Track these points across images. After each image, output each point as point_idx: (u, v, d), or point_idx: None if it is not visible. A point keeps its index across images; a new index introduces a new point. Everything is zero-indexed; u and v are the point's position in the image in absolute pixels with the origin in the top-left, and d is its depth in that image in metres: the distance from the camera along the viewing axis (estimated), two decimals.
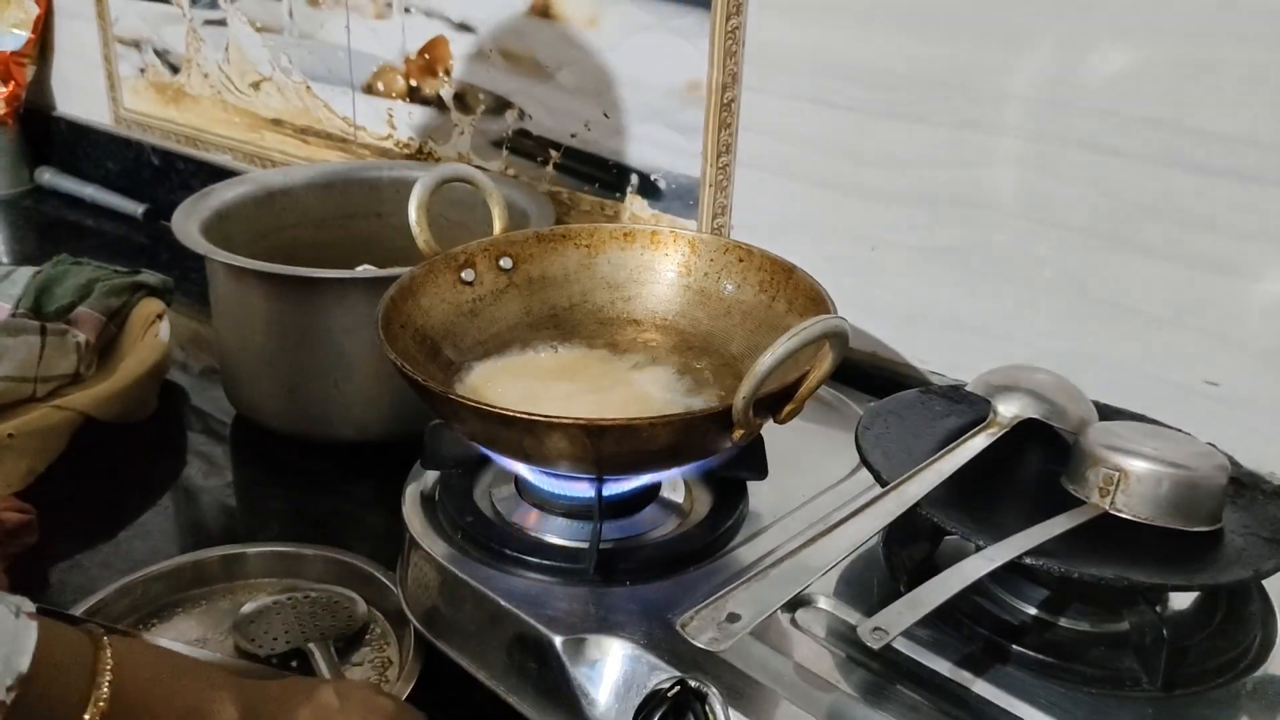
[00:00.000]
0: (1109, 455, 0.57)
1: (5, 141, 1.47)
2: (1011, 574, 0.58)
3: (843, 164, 0.83)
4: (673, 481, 0.69)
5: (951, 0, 0.75)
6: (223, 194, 0.96)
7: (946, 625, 0.57)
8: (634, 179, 0.96)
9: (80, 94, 1.48)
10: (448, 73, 1.06)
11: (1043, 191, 0.75)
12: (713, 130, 0.88)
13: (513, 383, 0.69)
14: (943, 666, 0.55)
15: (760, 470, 0.67)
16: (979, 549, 0.54)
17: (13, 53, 1.46)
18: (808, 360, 0.58)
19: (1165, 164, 0.69)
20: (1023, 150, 0.75)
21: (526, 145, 1.03)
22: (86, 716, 0.48)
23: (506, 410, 0.56)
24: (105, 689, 0.49)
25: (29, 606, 0.48)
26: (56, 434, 0.82)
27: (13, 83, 1.45)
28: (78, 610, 0.66)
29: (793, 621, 0.58)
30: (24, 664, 0.46)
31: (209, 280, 0.90)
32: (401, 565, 0.68)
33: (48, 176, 1.48)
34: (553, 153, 1.01)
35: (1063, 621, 0.58)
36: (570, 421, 0.56)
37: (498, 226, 0.76)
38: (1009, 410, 0.63)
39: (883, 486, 0.58)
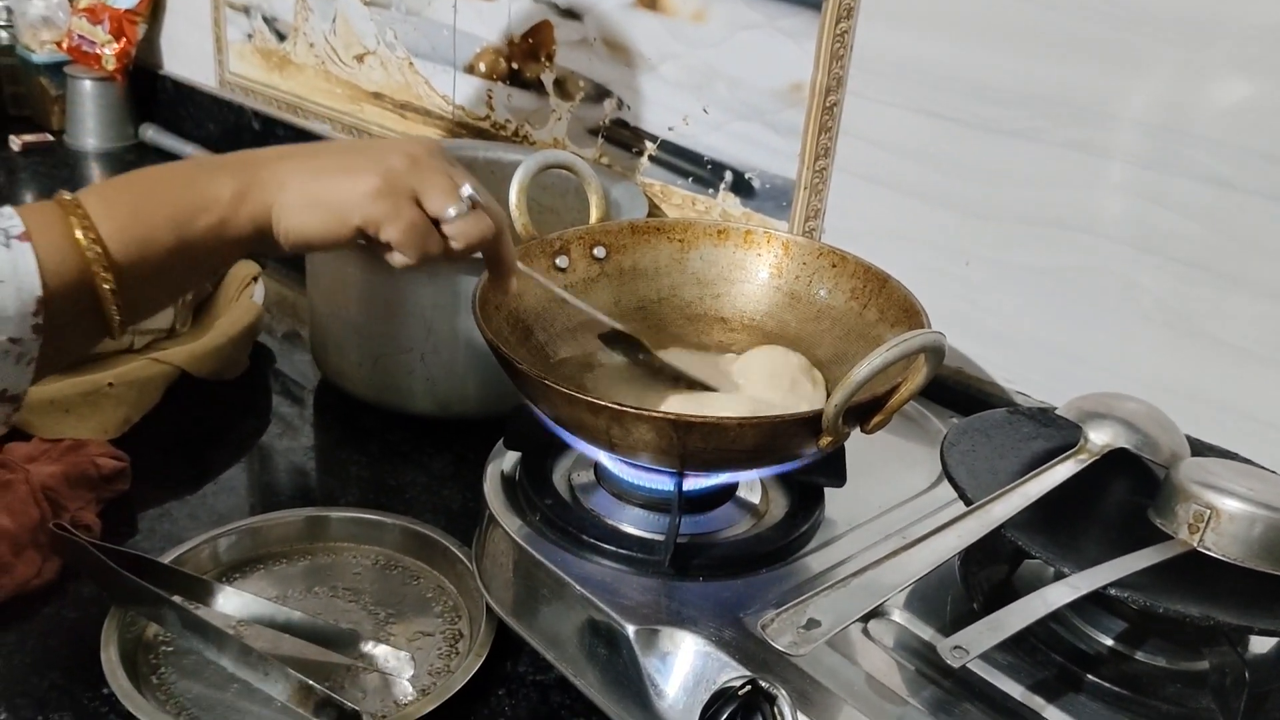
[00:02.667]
0: (1201, 492, 0.56)
1: (113, 96, 1.52)
2: (1090, 604, 0.57)
3: (942, 176, 0.82)
4: (750, 481, 0.69)
5: (1068, 19, 0.74)
6: None
7: (1021, 649, 0.56)
8: (728, 176, 0.96)
9: (187, 55, 1.51)
10: (550, 58, 1.07)
11: (1149, 219, 0.74)
12: (812, 133, 0.88)
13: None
14: (1015, 690, 0.54)
15: (839, 477, 0.67)
16: (1061, 576, 0.54)
17: (126, 10, 1.50)
18: (898, 372, 0.58)
19: (1277, 199, 0.68)
20: (1132, 176, 0.74)
21: (622, 135, 1.03)
22: (94, 273, 0.50)
23: (596, 399, 0.57)
24: (95, 248, 0.50)
25: (16, 228, 0.49)
26: (153, 386, 0.84)
27: (124, 40, 1.50)
28: (165, 559, 0.69)
29: (864, 631, 0.58)
30: (36, 285, 0.48)
31: None
32: (478, 541, 0.69)
33: (151, 133, 1.52)
34: (648, 144, 1.01)
35: (1139, 655, 0.58)
36: (658, 415, 0.56)
37: (594, 215, 0.77)
38: (1100, 438, 0.62)
39: (967, 505, 0.57)
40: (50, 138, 1.52)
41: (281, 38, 1.35)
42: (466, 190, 0.57)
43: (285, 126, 1.37)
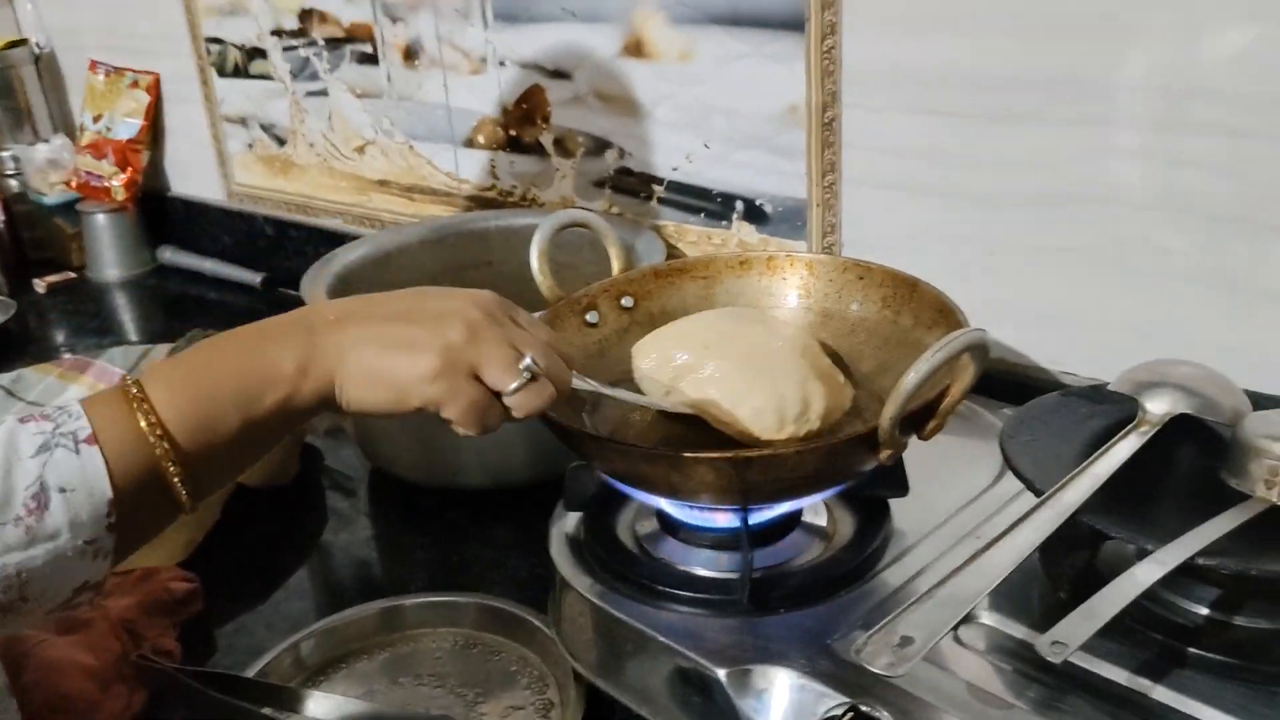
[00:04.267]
0: (1273, 446, 0.55)
1: (126, 225, 1.55)
2: (1179, 575, 0.56)
3: (952, 171, 0.82)
4: (814, 505, 0.69)
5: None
6: (343, 258, 1.00)
7: (1117, 633, 0.55)
8: (739, 206, 0.97)
9: (193, 173, 1.54)
10: (546, 120, 1.08)
11: (1166, 180, 0.73)
12: (815, 151, 0.89)
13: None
14: (1119, 675, 0.53)
15: (901, 487, 0.66)
16: (1145, 553, 0.53)
17: (128, 140, 1.53)
18: (944, 374, 0.58)
19: None
20: (1142, 141, 0.74)
21: (628, 183, 1.04)
22: (161, 464, 0.50)
23: (651, 448, 0.57)
24: (162, 443, 0.50)
25: (84, 430, 0.49)
26: (213, 504, 0.85)
27: (130, 169, 1.53)
28: (249, 673, 0.69)
29: (956, 639, 0.57)
30: (107, 488, 0.48)
31: None
32: (553, 606, 0.69)
33: (168, 255, 1.55)
34: (655, 187, 1.02)
35: (1239, 620, 0.56)
36: (716, 455, 0.56)
37: (616, 267, 0.78)
38: (1159, 407, 0.61)
39: (1037, 496, 0.57)
40: (73, 275, 1.55)
41: (281, 142, 1.38)
42: (526, 362, 0.55)
43: (297, 227, 1.40)
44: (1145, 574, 0.50)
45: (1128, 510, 0.56)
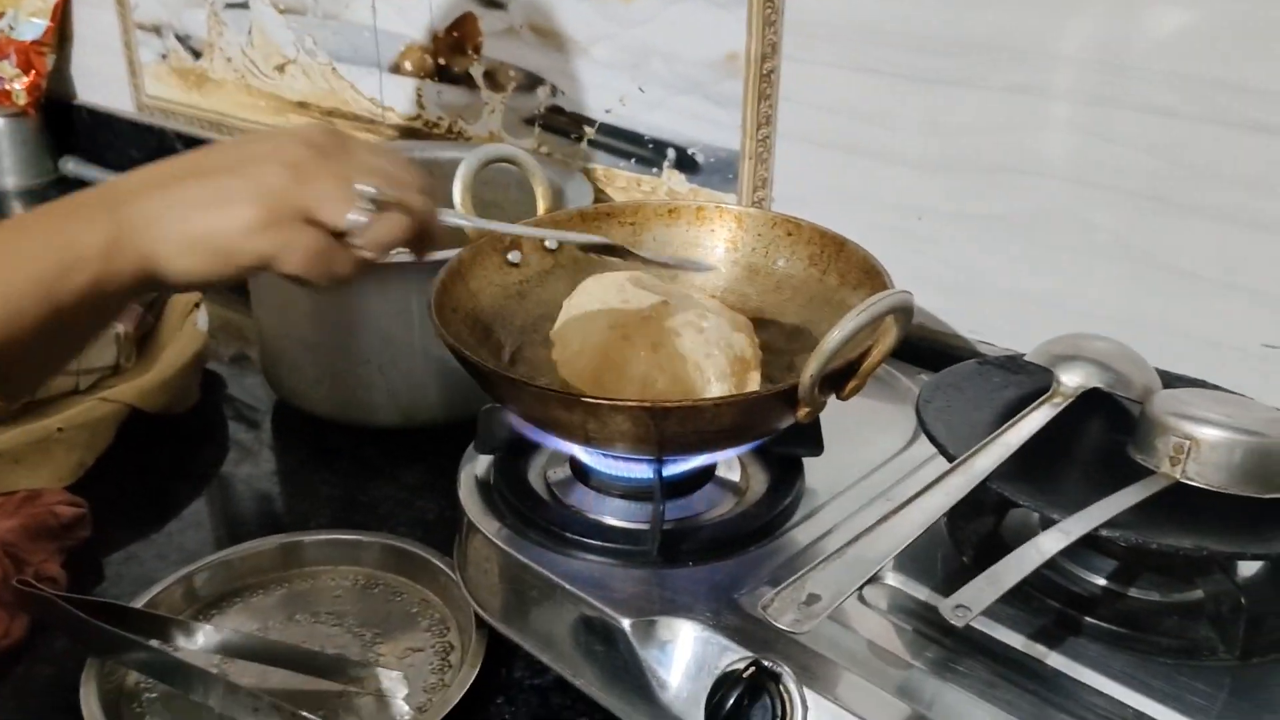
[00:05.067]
0: (1179, 424, 0.56)
1: (28, 131, 1.47)
2: (1079, 546, 0.57)
3: (886, 132, 0.82)
4: (728, 460, 0.68)
5: None
6: None
7: (1016, 598, 0.56)
8: (671, 153, 0.95)
9: (101, 82, 1.47)
10: (477, 50, 1.05)
11: (1095, 155, 0.74)
12: (752, 102, 0.87)
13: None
14: (1016, 640, 0.54)
15: (816, 446, 0.66)
16: (1050, 522, 0.53)
17: (32, 41, 1.45)
18: (867, 335, 0.57)
19: (1224, 124, 0.68)
20: (1074, 114, 0.74)
21: (559, 122, 1.02)
22: None
23: (569, 393, 0.56)
24: None
25: None
26: (104, 426, 0.82)
27: (33, 72, 1.45)
28: (137, 603, 0.66)
29: (860, 598, 0.57)
30: None
31: None
32: (459, 550, 0.67)
33: (71, 166, 1.48)
34: (586, 129, 1.00)
35: (1133, 592, 0.58)
36: (634, 404, 0.55)
37: (541, 207, 0.76)
38: (1072, 380, 0.62)
39: (950, 461, 0.57)
40: None
41: (197, 55, 1.31)
42: (364, 189, 0.48)
43: None
44: (1049, 543, 0.51)
45: (1036, 480, 0.57)
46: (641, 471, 0.63)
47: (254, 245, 0.48)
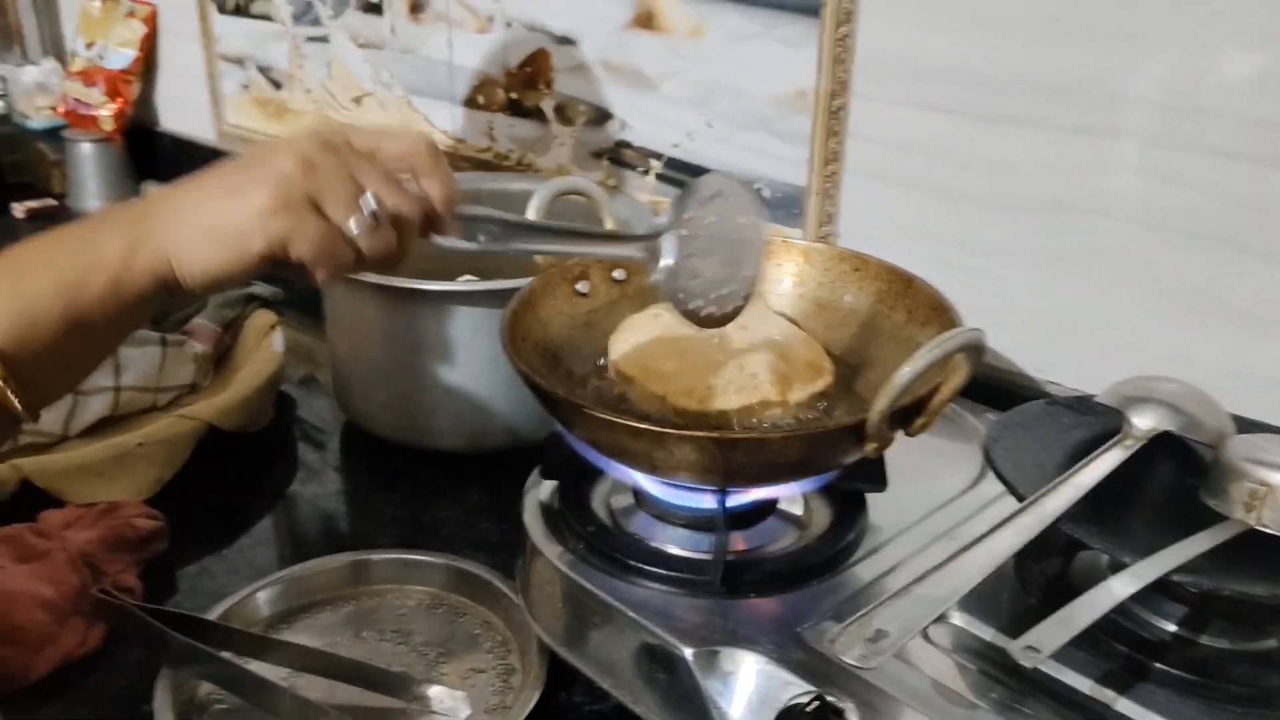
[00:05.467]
0: (1254, 469, 0.55)
1: (112, 156, 1.52)
2: (1150, 590, 0.56)
3: (955, 170, 0.82)
4: (791, 494, 0.68)
5: (1068, 5, 0.74)
6: None
7: (1084, 641, 0.55)
8: None
9: (184, 110, 1.52)
10: (549, 85, 1.07)
11: (1163, 197, 0.73)
12: (819, 138, 0.88)
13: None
14: (1083, 684, 0.53)
15: (880, 482, 0.66)
16: (1121, 566, 0.53)
17: (120, 70, 1.51)
18: (936, 372, 0.57)
19: None
20: (1142, 155, 0.74)
21: (627, 155, 1.03)
22: None
23: (636, 423, 0.57)
24: None
25: None
26: (182, 443, 0.84)
27: (120, 99, 1.50)
28: (210, 616, 0.68)
29: (924, 636, 0.57)
30: None
31: (323, 291, 0.92)
32: (521, 573, 0.68)
33: (152, 190, 1.52)
34: (654, 162, 1.01)
35: (1204, 639, 0.57)
36: (701, 434, 0.56)
37: None
38: (1144, 422, 0.62)
39: (1019, 501, 0.57)
40: (53, 202, 1.53)
41: (278, 86, 1.36)
42: (368, 202, 0.50)
43: None
44: (1121, 586, 0.51)
45: (1107, 522, 0.57)
46: (705, 502, 0.64)
47: (268, 227, 0.49)
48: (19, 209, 1.49)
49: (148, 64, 1.53)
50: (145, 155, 1.56)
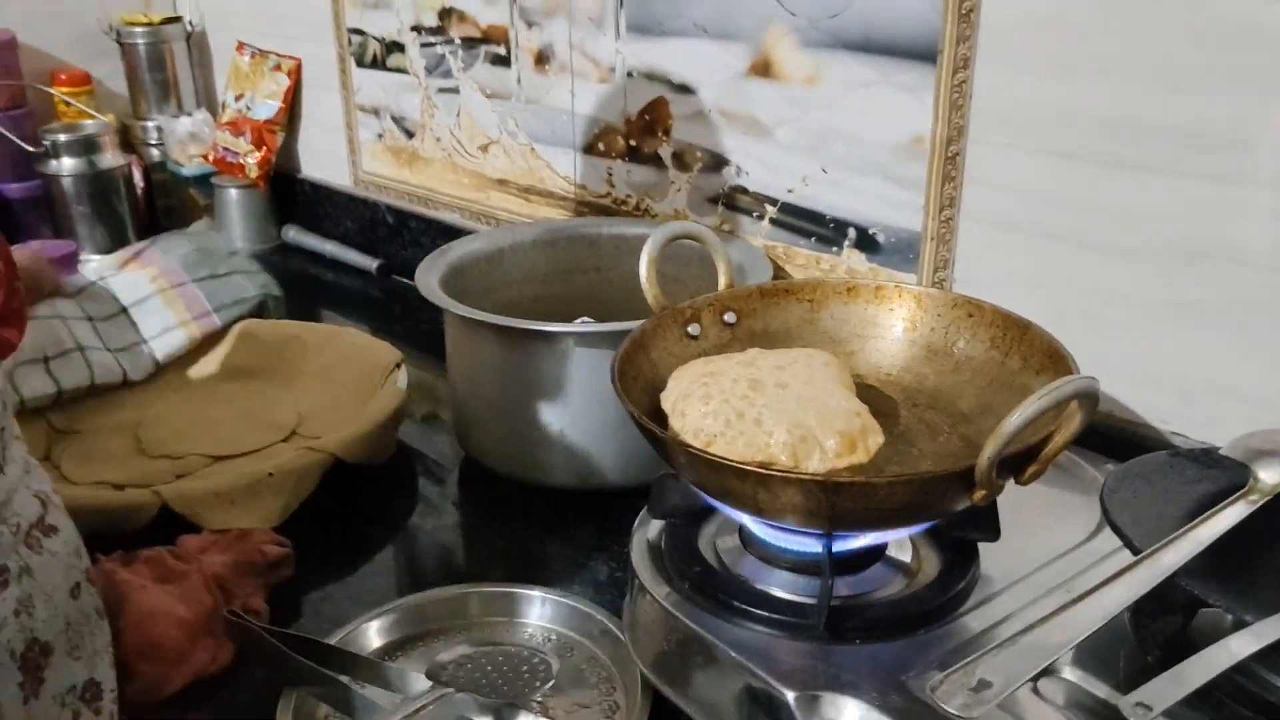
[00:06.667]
0: None
1: (256, 202, 1.61)
2: (1271, 650, 0.54)
3: (1075, 216, 0.81)
4: (900, 540, 0.68)
5: (1200, 50, 0.72)
6: (458, 250, 1.02)
7: (1203, 703, 0.53)
8: (852, 233, 0.96)
9: (323, 158, 1.60)
10: (667, 132, 1.09)
11: None
12: (935, 184, 0.88)
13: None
14: None
15: (992, 531, 0.65)
16: (1243, 624, 0.51)
17: (265, 121, 1.60)
18: (1049, 420, 0.56)
19: None
20: (1278, 202, 0.71)
21: (742, 201, 1.05)
22: None
23: (742, 464, 0.57)
24: None
25: None
26: (310, 474, 0.88)
27: (265, 148, 1.59)
28: (331, 640, 0.71)
29: (1034, 690, 0.56)
30: None
31: (445, 331, 0.95)
32: (628, 611, 0.69)
33: (293, 234, 1.61)
34: (768, 208, 1.02)
35: None
36: (807, 477, 0.56)
37: (722, 282, 0.78)
38: (1271, 477, 0.59)
39: (1134, 554, 0.55)
40: None
41: (410, 135, 1.42)
42: None
43: (416, 218, 1.43)
44: (1240, 645, 0.49)
45: (1229, 579, 0.54)
46: (809, 545, 0.64)
47: None
48: None
49: (291, 114, 1.61)
50: (287, 200, 1.64)
